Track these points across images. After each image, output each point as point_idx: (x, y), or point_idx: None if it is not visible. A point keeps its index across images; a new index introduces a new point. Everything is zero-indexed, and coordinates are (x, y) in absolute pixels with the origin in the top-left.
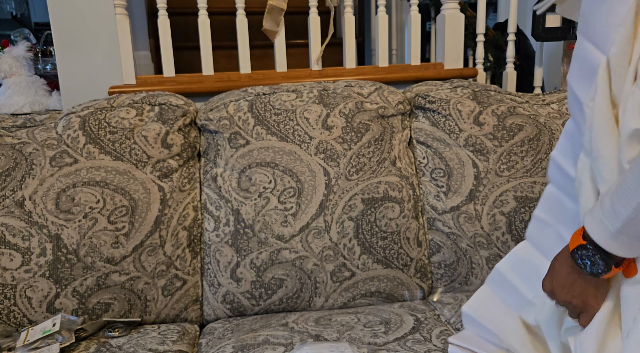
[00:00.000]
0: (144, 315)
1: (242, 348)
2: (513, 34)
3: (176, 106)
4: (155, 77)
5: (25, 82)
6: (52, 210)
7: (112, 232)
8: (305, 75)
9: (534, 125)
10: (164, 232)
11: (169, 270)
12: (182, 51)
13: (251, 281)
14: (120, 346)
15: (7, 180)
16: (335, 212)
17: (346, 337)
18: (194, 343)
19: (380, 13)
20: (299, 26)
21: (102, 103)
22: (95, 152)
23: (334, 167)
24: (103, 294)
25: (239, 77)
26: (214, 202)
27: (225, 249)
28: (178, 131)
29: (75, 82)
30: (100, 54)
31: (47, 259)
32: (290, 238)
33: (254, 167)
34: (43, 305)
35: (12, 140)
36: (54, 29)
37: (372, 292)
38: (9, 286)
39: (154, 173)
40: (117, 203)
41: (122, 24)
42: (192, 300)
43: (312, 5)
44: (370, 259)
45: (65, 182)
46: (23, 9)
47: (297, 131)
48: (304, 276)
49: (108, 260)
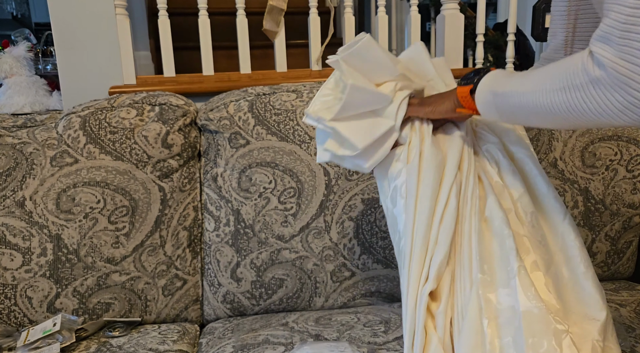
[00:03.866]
0: (144, 314)
1: (242, 347)
2: (513, 34)
3: (176, 106)
4: (155, 77)
5: (26, 82)
6: (53, 210)
7: (112, 232)
8: (305, 75)
9: None
10: (165, 232)
11: (169, 270)
12: (182, 51)
13: (251, 281)
14: (121, 346)
15: (7, 180)
16: (335, 212)
17: (346, 337)
18: (194, 343)
19: (380, 13)
20: (299, 26)
21: (102, 103)
22: (95, 152)
23: (334, 167)
24: (103, 294)
25: (239, 77)
26: (214, 202)
27: (226, 249)
28: (178, 131)
29: (76, 82)
30: (101, 54)
31: (48, 259)
32: (290, 238)
33: (254, 167)
34: (43, 305)
35: (12, 140)
36: (54, 29)
37: (372, 292)
38: (10, 286)
39: (154, 173)
40: (117, 203)
41: (122, 24)
42: (193, 299)
43: (312, 6)
44: (370, 259)
45: (65, 182)
46: (23, 9)
47: (297, 131)
48: (304, 276)
49: (108, 260)
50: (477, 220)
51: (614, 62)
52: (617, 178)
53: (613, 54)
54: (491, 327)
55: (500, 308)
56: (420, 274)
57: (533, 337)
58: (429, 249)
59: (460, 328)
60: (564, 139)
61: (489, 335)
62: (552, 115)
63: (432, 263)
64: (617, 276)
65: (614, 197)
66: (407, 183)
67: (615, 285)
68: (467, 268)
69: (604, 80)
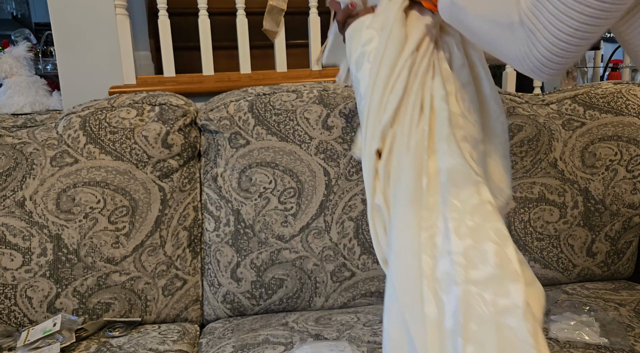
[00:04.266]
0: (144, 314)
1: (242, 347)
2: None
3: (176, 106)
4: (155, 77)
5: (26, 82)
6: (53, 210)
7: (112, 232)
8: (305, 75)
9: (533, 125)
10: (165, 232)
11: (169, 270)
12: (182, 51)
13: (251, 281)
14: (121, 346)
15: (7, 180)
16: (335, 212)
17: (346, 336)
18: (194, 343)
19: None
20: (299, 26)
21: (102, 103)
22: (95, 152)
23: (334, 167)
24: (103, 294)
25: (239, 77)
26: (215, 202)
27: (226, 249)
28: (178, 131)
29: (76, 82)
30: (101, 54)
31: (48, 259)
32: (290, 238)
33: (254, 167)
34: (43, 305)
35: (12, 141)
36: (54, 29)
37: (372, 292)
38: (10, 286)
39: (154, 173)
40: (117, 204)
41: (122, 24)
42: (193, 300)
43: (312, 6)
44: (370, 259)
45: (65, 182)
46: (23, 9)
47: (297, 131)
48: (304, 276)
49: (108, 260)
50: (422, 93)
51: (525, 13)
52: (617, 179)
53: (528, 5)
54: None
55: (432, 171)
56: (373, 133)
57: (456, 187)
58: (380, 111)
59: (397, 185)
60: (564, 139)
61: (425, 193)
62: (489, 45)
63: (378, 123)
64: (617, 276)
65: (614, 197)
66: (376, 50)
67: (615, 285)
68: (407, 133)
69: (517, 27)
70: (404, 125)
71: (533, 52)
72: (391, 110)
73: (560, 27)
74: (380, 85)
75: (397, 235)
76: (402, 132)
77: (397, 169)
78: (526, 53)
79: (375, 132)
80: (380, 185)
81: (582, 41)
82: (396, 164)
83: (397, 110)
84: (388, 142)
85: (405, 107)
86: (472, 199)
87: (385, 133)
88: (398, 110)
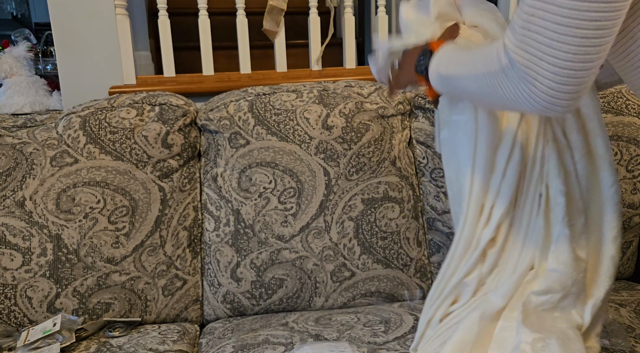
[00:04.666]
0: (144, 314)
1: (242, 347)
2: None
3: (176, 106)
4: (155, 77)
5: (26, 82)
6: (53, 210)
7: (112, 232)
8: (305, 75)
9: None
10: (165, 232)
11: (169, 270)
12: (182, 51)
13: (251, 281)
14: (121, 346)
15: (7, 180)
16: (335, 212)
17: (346, 337)
18: (194, 343)
19: (380, 13)
20: (299, 26)
21: (102, 103)
22: (95, 152)
23: (334, 167)
24: (103, 294)
25: (239, 77)
26: (214, 202)
27: (226, 249)
28: (178, 131)
29: (76, 82)
30: (101, 54)
31: (48, 259)
32: (290, 238)
33: (254, 167)
34: (43, 305)
35: (12, 141)
36: (54, 29)
37: (372, 292)
38: (10, 286)
39: (154, 173)
40: (117, 204)
41: (122, 24)
42: (193, 300)
43: (312, 6)
44: (370, 259)
45: (65, 182)
46: (23, 9)
47: (297, 131)
48: (304, 276)
49: (108, 260)
50: (538, 183)
51: (514, 52)
52: (617, 179)
53: (515, 43)
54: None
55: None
56: (479, 218)
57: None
58: (488, 197)
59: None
60: None
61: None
62: (481, 98)
63: (494, 213)
64: (617, 276)
65: None
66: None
67: (615, 285)
68: (524, 229)
69: (509, 69)
70: (522, 218)
71: (537, 86)
72: (507, 201)
73: (558, 56)
74: (482, 167)
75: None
76: (520, 225)
77: (504, 263)
78: (528, 93)
79: (485, 217)
80: (481, 269)
81: (587, 64)
82: (507, 256)
83: (511, 199)
84: (503, 232)
85: (523, 197)
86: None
87: (501, 222)
88: (512, 200)
